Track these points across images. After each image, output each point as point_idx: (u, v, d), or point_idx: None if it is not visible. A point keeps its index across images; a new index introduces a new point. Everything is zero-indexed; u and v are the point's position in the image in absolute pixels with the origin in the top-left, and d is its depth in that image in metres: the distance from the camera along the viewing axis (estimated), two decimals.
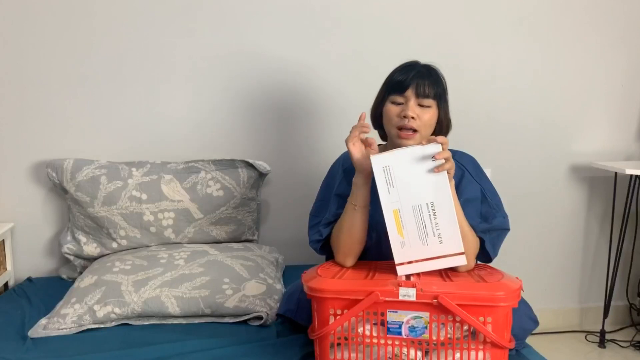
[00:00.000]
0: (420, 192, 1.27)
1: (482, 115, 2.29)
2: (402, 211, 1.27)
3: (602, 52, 2.35)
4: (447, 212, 1.27)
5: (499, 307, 1.20)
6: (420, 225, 1.27)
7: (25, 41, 1.98)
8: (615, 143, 2.43)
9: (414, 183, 1.26)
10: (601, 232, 2.50)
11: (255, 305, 1.63)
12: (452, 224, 1.27)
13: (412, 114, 1.39)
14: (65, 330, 1.56)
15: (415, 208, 1.27)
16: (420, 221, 1.27)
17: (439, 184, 1.26)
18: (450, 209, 1.26)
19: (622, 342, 2.41)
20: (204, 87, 2.10)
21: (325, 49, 2.14)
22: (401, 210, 1.27)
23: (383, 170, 1.26)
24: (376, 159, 1.26)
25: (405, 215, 1.27)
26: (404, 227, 1.27)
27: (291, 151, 2.19)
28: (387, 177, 1.26)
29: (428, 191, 1.26)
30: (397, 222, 1.27)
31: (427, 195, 1.27)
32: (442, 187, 1.26)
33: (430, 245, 1.28)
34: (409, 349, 1.23)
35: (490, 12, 2.24)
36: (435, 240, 1.27)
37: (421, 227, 1.27)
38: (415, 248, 1.27)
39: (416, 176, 1.26)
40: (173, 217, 1.96)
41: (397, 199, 1.27)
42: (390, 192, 1.26)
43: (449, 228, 1.27)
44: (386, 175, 1.26)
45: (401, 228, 1.27)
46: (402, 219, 1.27)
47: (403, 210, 1.27)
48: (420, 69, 1.44)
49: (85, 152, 2.03)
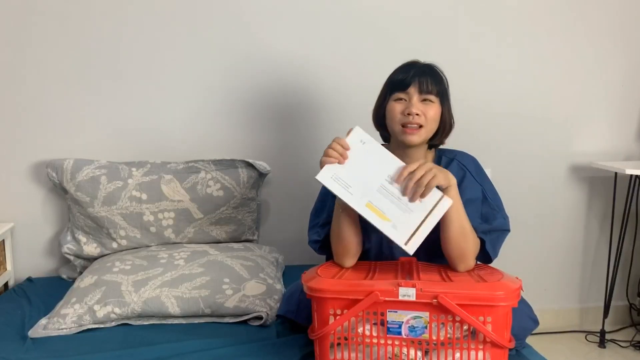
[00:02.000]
0: (374, 174, 1.30)
1: (482, 115, 2.29)
2: (373, 200, 1.28)
3: (602, 52, 2.35)
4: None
5: (499, 306, 1.20)
6: (394, 200, 1.29)
7: (25, 41, 1.98)
8: (615, 143, 2.43)
9: (365, 171, 1.30)
10: (601, 232, 2.50)
11: (255, 305, 1.63)
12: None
13: (416, 110, 1.39)
14: (65, 330, 1.56)
15: (380, 189, 1.29)
16: (392, 196, 1.29)
17: (382, 157, 1.31)
18: (398, 167, 1.30)
19: (622, 342, 2.41)
20: (204, 87, 2.10)
21: (326, 48, 2.15)
22: (372, 200, 1.28)
23: (333, 181, 1.29)
24: (320, 176, 1.29)
25: (378, 201, 1.28)
26: (384, 212, 1.28)
27: (291, 151, 2.19)
28: (340, 183, 1.29)
29: (379, 168, 1.30)
30: (376, 212, 1.28)
31: (381, 171, 1.30)
32: (384, 156, 1.31)
33: (414, 210, 1.29)
34: (408, 349, 1.23)
35: (491, 12, 2.24)
36: (416, 203, 1.29)
37: (395, 200, 1.29)
38: (405, 221, 1.28)
39: (363, 165, 1.30)
40: (173, 217, 1.96)
41: (362, 193, 1.28)
42: (352, 192, 1.29)
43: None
44: (338, 182, 1.29)
45: (382, 214, 1.28)
46: (378, 206, 1.28)
47: (373, 199, 1.28)
48: (422, 67, 1.45)
49: (85, 152, 2.03)
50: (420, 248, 1.47)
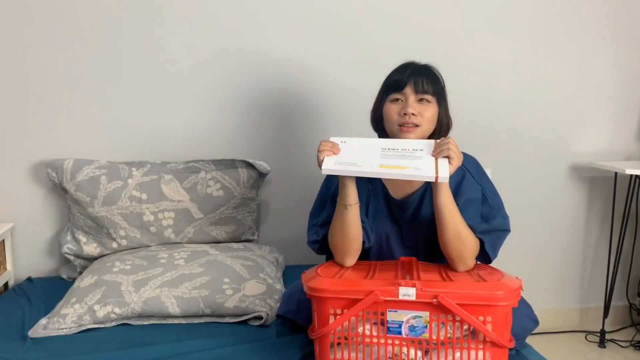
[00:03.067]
0: (370, 150, 1.32)
1: (482, 116, 2.29)
2: (383, 162, 1.29)
3: (602, 52, 2.35)
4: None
5: (499, 306, 1.20)
6: (400, 155, 1.31)
7: (25, 41, 1.98)
8: (615, 143, 2.43)
9: (361, 152, 1.32)
10: (601, 232, 2.50)
11: (255, 305, 1.63)
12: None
13: (412, 110, 1.39)
14: (65, 330, 1.56)
15: (383, 155, 1.31)
16: (397, 154, 1.31)
17: (367, 141, 1.35)
18: (387, 140, 1.36)
19: (622, 342, 2.41)
20: (204, 87, 2.10)
21: (325, 49, 2.15)
22: (382, 163, 1.29)
23: (338, 165, 1.30)
24: (325, 167, 1.30)
25: (388, 161, 1.29)
26: (399, 165, 1.29)
27: (291, 151, 2.19)
28: (345, 165, 1.30)
29: (371, 147, 1.33)
30: (391, 167, 1.29)
31: (374, 148, 1.33)
32: (368, 140, 1.35)
33: (423, 156, 1.30)
34: (408, 349, 1.23)
35: (491, 12, 2.24)
36: (419, 152, 1.31)
37: (401, 155, 1.31)
38: (422, 162, 1.29)
39: (357, 150, 1.33)
40: (173, 217, 1.96)
41: (370, 163, 1.29)
42: (361, 165, 1.29)
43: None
44: (343, 165, 1.30)
45: (398, 166, 1.29)
46: (390, 164, 1.29)
47: (383, 162, 1.29)
48: (418, 67, 1.45)
49: (85, 152, 2.03)
50: (421, 250, 1.48)
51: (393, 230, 1.48)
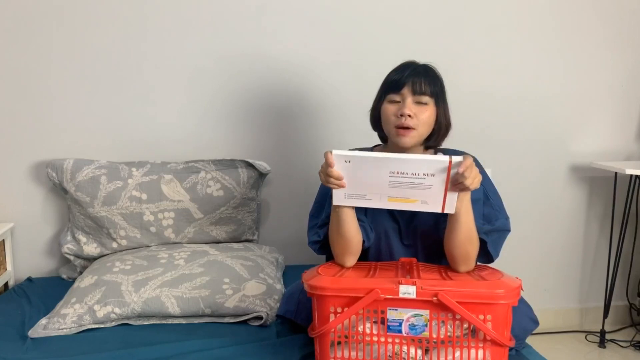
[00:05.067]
0: (378, 177, 1.27)
1: (482, 115, 2.29)
2: (391, 194, 1.28)
3: (602, 52, 2.35)
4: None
5: (499, 304, 1.20)
6: (408, 186, 1.27)
7: (25, 41, 1.98)
8: (615, 143, 2.43)
9: (368, 180, 1.28)
10: (601, 232, 2.50)
11: (255, 305, 1.63)
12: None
13: (408, 111, 1.38)
14: (65, 330, 1.56)
15: (391, 185, 1.27)
16: (405, 185, 1.27)
17: (372, 162, 1.26)
18: (392, 158, 1.27)
19: (622, 342, 2.41)
20: (204, 87, 2.10)
21: (325, 48, 2.15)
22: (390, 195, 1.28)
23: (348, 199, 1.30)
24: (336, 200, 1.30)
25: (397, 193, 1.28)
26: (407, 197, 1.28)
27: (291, 151, 2.19)
28: (355, 197, 1.30)
29: (378, 172, 1.27)
30: (400, 200, 1.29)
31: (381, 172, 1.26)
32: (373, 161, 1.26)
33: (433, 185, 1.26)
34: (409, 347, 1.23)
35: (491, 12, 2.24)
36: (428, 178, 1.26)
37: (410, 186, 1.27)
38: (430, 194, 1.27)
39: (364, 177, 1.28)
40: (173, 217, 1.96)
41: (379, 195, 1.29)
42: (370, 198, 1.29)
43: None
44: (353, 198, 1.30)
45: (407, 199, 1.28)
46: (399, 196, 1.28)
47: (391, 193, 1.28)
48: (417, 67, 1.44)
49: (85, 152, 2.03)
50: (420, 248, 1.48)
51: (392, 230, 1.48)
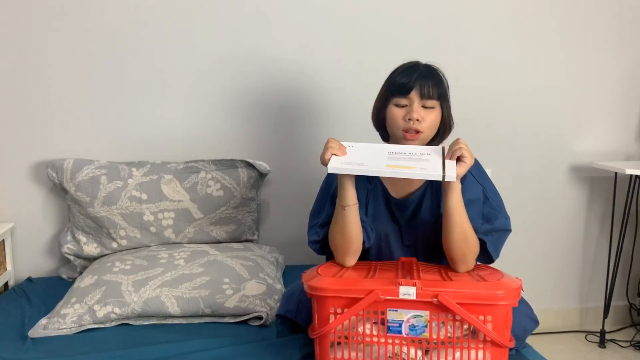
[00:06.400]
0: (377, 152, 1.34)
1: (482, 115, 2.29)
2: (390, 162, 1.30)
3: (602, 52, 2.35)
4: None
5: (499, 305, 1.20)
6: (407, 157, 1.32)
7: (25, 41, 1.98)
8: (615, 143, 2.43)
9: (368, 154, 1.33)
10: (601, 232, 2.50)
11: (255, 305, 1.63)
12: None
13: (417, 116, 1.38)
14: (65, 330, 1.56)
15: (389, 157, 1.33)
16: (403, 156, 1.33)
17: (374, 146, 1.37)
18: (393, 145, 1.40)
19: (622, 342, 2.41)
20: (204, 87, 2.10)
21: (325, 48, 2.15)
22: (389, 163, 1.30)
23: (345, 164, 1.31)
24: (331, 166, 1.31)
25: (395, 162, 1.30)
26: (405, 165, 1.29)
27: (291, 151, 2.19)
28: (352, 165, 1.30)
29: (378, 150, 1.35)
30: (398, 167, 1.29)
31: (381, 151, 1.35)
32: (376, 145, 1.38)
33: (430, 159, 1.32)
34: (409, 348, 1.23)
35: (491, 12, 2.24)
36: (426, 155, 1.33)
37: (408, 157, 1.32)
38: (428, 164, 1.30)
39: (364, 152, 1.35)
40: (173, 217, 1.96)
41: (376, 164, 1.30)
42: (368, 165, 1.30)
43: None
44: (350, 165, 1.30)
45: (405, 166, 1.29)
46: (397, 164, 1.30)
47: (389, 162, 1.30)
48: (423, 70, 1.43)
49: (85, 152, 2.03)
50: (421, 249, 1.48)
51: (393, 230, 1.48)
